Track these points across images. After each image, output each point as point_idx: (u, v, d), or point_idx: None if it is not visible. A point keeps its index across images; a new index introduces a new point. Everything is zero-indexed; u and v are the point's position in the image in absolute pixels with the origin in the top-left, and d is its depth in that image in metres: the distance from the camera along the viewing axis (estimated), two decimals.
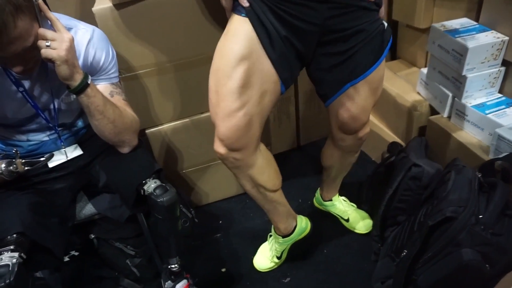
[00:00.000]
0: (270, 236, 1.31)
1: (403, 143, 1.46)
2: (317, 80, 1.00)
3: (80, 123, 1.09)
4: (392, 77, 1.62)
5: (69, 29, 0.91)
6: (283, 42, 0.85)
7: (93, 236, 1.21)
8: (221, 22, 1.21)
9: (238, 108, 0.86)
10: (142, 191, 0.99)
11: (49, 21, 0.82)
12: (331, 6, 0.82)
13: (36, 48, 0.79)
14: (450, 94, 1.26)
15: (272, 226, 1.25)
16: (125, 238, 1.20)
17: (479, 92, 1.20)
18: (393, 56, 1.82)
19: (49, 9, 0.82)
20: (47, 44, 0.79)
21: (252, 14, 0.83)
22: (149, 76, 1.24)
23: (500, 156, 1.02)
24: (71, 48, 0.82)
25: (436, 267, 0.92)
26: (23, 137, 1.03)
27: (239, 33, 0.85)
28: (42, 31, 0.79)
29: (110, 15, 1.11)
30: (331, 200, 1.42)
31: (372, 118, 1.68)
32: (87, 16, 1.21)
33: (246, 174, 0.99)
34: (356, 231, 1.38)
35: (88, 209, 1.12)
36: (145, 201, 1.00)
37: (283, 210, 1.16)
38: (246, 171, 0.98)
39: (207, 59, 1.23)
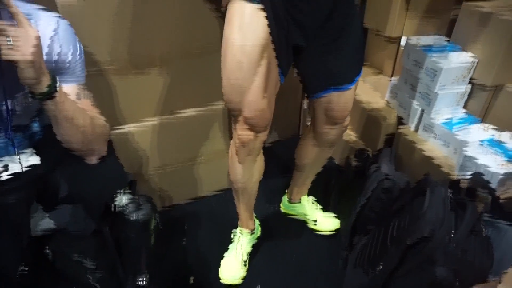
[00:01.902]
0: (234, 236, 1.31)
1: (370, 151, 1.49)
2: (306, 75, 1.03)
3: (36, 126, 0.96)
4: (360, 83, 1.64)
5: (28, 17, 0.77)
6: (287, 34, 0.86)
7: (48, 250, 1.09)
8: (199, 15, 1.12)
9: (263, 97, 0.91)
10: (112, 205, 0.90)
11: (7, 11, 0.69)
12: None
13: None
14: (419, 108, 1.30)
15: (239, 225, 1.29)
16: (85, 251, 1.10)
17: (446, 109, 1.26)
18: None
19: None
20: (9, 42, 0.65)
21: (267, 4, 0.81)
22: (115, 72, 1.12)
23: (467, 175, 1.09)
24: (38, 48, 0.69)
25: (410, 282, 0.96)
26: None
27: (257, 26, 0.83)
28: (2, 26, 0.65)
29: (75, 3, 0.96)
30: (299, 200, 1.42)
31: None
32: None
33: (252, 159, 1.05)
34: (324, 230, 1.40)
35: (45, 222, 0.99)
36: (112, 214, 0.91)
37: (253, 204, 1.25)
38: (255, 156, 1.05)
39: (181, 55, 1.17)
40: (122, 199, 0.90)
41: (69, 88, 0.86)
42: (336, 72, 0.98)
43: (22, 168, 0.91)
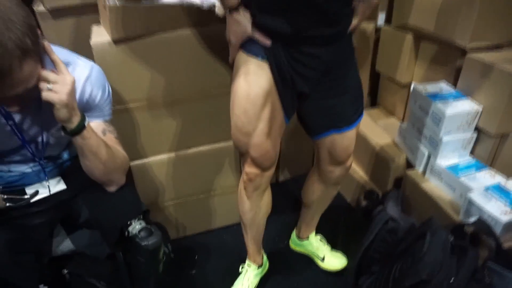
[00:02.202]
0: (242, 269, 1.34)
1: (379, 191, 1.52)
2: (308, 117, 1.09)
3: (65, 155, 1.07)
4: (372, 125, 1.70)
5: (67, 64, 0.90)
6: (291, 83, 0.94)
7: (66, 271, 1.17)
8: (214, 63, 1.23)
9: (267, 139, 1.00)
10: (126, 231, 0.98)
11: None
12: (330, 49, 0.92)
13: (35, 88, 0.78)
14: (426, 152, 1.34)
15: (247, 259, 1.33)
16: (100, 274, 1.17)
17: (452, 154, 1.29)
18: (373, 103, 1.91)
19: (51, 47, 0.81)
20: (49, 87, 0.77)
21: (271, 58, 0.91)
22: (140, 110, 1.24)
23: (471, 220, 1.10)
24: (72, 92, 0.81)
25: None
26: (4, 168, 0.99)
27: (261, 77, 0.93)
28: (45, 73, 0.77)
29: (108, 49, 1.10)
30: (307, 238, 1.45)
31: (355, 165, 1.74)
32: (81, 46, 1.21)
33: (259, 194, 1.13)
34: (331, 268, 1.42)
35: (65, 244, 1.08)
36: (126, 240, 0.99)
37: (261, 238, 1.30)
38: (262, 191, 1.13)
39: (197, 97, 1.28)
40: (136, 226, 0.98)
41: (96, 124, 0.97)
42: (337, 115, 1.05)
43: (50, 193, 1.01)
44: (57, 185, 1.04)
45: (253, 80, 0.93)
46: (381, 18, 1.70)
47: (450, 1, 1.27)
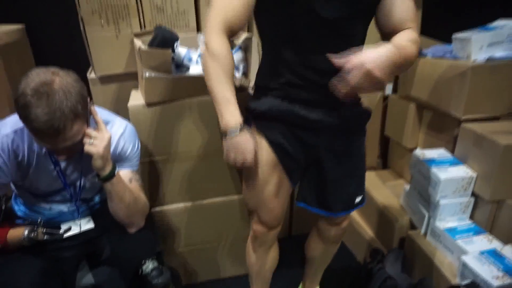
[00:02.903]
0: None
1: (385, 249, 1.57)
2: (305, 185, 1.15)
3: (97, 199, 1.24)
4: (380, 186, 1.78)
5: (107, 122, 1.11)
6: (294, 155, 1.05)
7: None
8: None
9: (273, 202, 1.10)
10: (140, 269, 1.10)
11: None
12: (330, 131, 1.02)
13: (80, 142, 0.98)
14: (427, 214, 1.40)
15: None
16: None
17: (451, 217, 1.35)
18: (384, 165, 2.01)
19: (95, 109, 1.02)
20: (90, 141, 0.97)
21: (267, 133, 1.03)
22: (163, 162, 1.42)
23: (463, 283, 1.14)
24: (108, 146, 1.00)
25: None
26: (46, 206, 1.17)
27: (262, 150, 1.04)
28: (89, 131, 0.97)
29: (142, 110, 1.32)
30: None
31: (359, 220, 1.81)
32: (122, 105, 1.44)
33: (265, 250, 1.22)
34: None
35: (87, 278, 1.21)
36: (140, 277, 1.11)
37: None
38: (268, 247, 1.21)
39: (213, 153, 1.44)
40: (149, 265, 1.11)
41: (124, 172, 1.15)
42: (332, 195, 1.11)
43: (80, 230, 1.18)
44: (87, 224, 1.21)
45: (259, 151, 1.04)
46: (389, 88, 1.86)
47: (444, 77, 1.42)
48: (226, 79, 0.91)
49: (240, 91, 1.10)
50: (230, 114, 0.92)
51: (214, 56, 0.91)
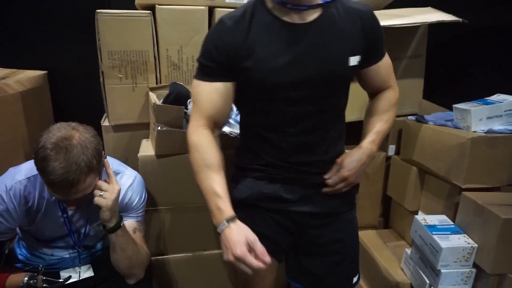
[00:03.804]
0: None
1: None
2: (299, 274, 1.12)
3: (99, 246, 1.26)
4: (381, 247, 1.77)
5: (117, 173, 1.15)
6: (275, 244, 1.03)
7: None
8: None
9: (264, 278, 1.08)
10: None
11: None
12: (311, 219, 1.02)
13: (91, 193, 1.01)
14: (428, 282, 1.39)
15: None
16: None
17: (453, 286, 1.33)
18: (386, 225, 2.00)
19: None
20: (101, 194, 1.00)
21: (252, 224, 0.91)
22: (168, 212, 1.44)
23: None
24: (117, 199, 1.03)
25: None
26: (49, 251, 1.19)
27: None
28: (100, 183, 1.01)
29: (151, 161, 1.36)
30: None
31: (362, 283, 1.78)
32: (132, 153, 1.49)
33: None
34: None
35: None
36: None
37: None
38: None
39: None
40: None
41: (129, 223, 1.17)
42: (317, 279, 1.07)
43: (79, 278, 1.18)
44: (86, 272, 1.21)
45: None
46: (391, 149, 1.90)
47: (446, 145, 1.46)
48: (209, 170, 0.89)
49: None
50: (217, 209, 0.87)
51: (194, 148, 0.91)
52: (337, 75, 0.92)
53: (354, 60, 0.92)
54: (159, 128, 1.29)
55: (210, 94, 0.91)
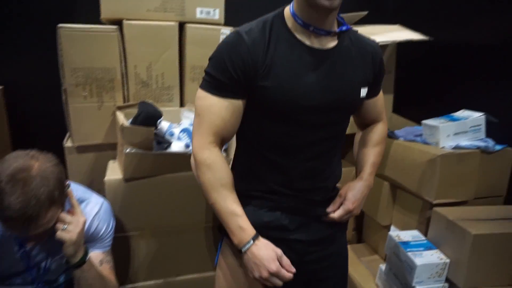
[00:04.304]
0: None
1: None
2: None
3: (61, 279, 1.16)
4: (355, 262, 1.77)
5: (82, 201, 1.07)
6: None
7: None
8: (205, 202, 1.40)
9: None
10: None
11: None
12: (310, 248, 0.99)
13: (52, 227, 0.93)
14: None
15: None
16: None
17: None
18: (359, 239, 2.02)
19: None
20: (64, 227, 0.93)
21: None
22: (137, 238, 1.36)
23: None
24: (82, 231, 0.96)
25: None
26: None
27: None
28: (63, 216, 0.93)
29: (119, 185, 1.29)
30: None
31: None
32: (97, 175, 1.41)
33: None
34: None
35: None
36: None
37: None
38: None
39: (190, 229, 1.41)
40: None
41: (95, 254, 1.09)
42: None
43: None
44: None
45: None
46: None
47: (416, 161, 1.49)
48: (224, 190, 0.86)
49: None
50: (239, 228, 0.85)
51: (206, 167, 0.85)
52: (351, 104, 0.94)
53: (363, 92, 0.94)
54: (127, 150, 1.22)
55: (220, 110, 0.85)
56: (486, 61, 1.67)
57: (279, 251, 0.86)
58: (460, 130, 1.48)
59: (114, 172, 1.33)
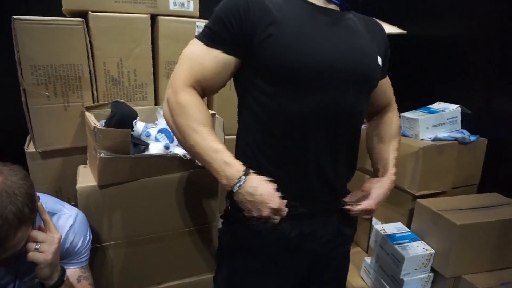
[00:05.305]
0: None
1: None
2: None
3: None
4: None
5: (53, 213, 0.96)
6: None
7: None
8: (188, 204, 1.33)
9: None
10: None
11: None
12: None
13: (23, 247, 0.82)
14: None
15: None
16: None
17: None
18: None
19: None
20: (37, 247, 0.82)
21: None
22: (115, 247, 1.26)
23: None
24: (58, 250, 0.85)
25: None
26: None
27: None
28: (35, 234, 0.83)
29: (93, 193, 1.18)
30: None
31: None
32: (66, 182, 1.29)
33: None
34: None
35: None
36: None
37: None
38: None
39: (171, 235, 1.33)
40: None
41: (72, 271, 0.99)
42: None
43: None
44: None
45: None
46: None
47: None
48: (203, 129, 0.76)
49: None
50: (226, 165, 0.74)
51: (182, 107, 0.76)
52: (371, 68, 0.87)
53: (379, 61, 0.91)
54: (102, 155, 1.11)
55: (204, 57, 0.79)
56: (457, 54, 1.71)
57: (273, 183, 0.76)
58: (438, 122, 1.51)
59: (86, 178, 1.21)
